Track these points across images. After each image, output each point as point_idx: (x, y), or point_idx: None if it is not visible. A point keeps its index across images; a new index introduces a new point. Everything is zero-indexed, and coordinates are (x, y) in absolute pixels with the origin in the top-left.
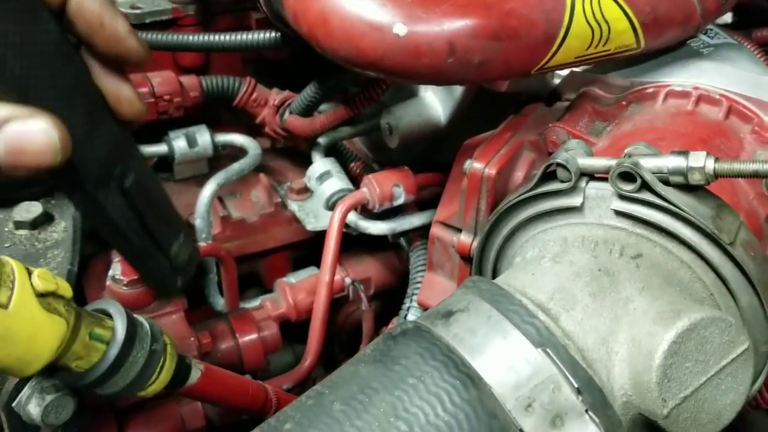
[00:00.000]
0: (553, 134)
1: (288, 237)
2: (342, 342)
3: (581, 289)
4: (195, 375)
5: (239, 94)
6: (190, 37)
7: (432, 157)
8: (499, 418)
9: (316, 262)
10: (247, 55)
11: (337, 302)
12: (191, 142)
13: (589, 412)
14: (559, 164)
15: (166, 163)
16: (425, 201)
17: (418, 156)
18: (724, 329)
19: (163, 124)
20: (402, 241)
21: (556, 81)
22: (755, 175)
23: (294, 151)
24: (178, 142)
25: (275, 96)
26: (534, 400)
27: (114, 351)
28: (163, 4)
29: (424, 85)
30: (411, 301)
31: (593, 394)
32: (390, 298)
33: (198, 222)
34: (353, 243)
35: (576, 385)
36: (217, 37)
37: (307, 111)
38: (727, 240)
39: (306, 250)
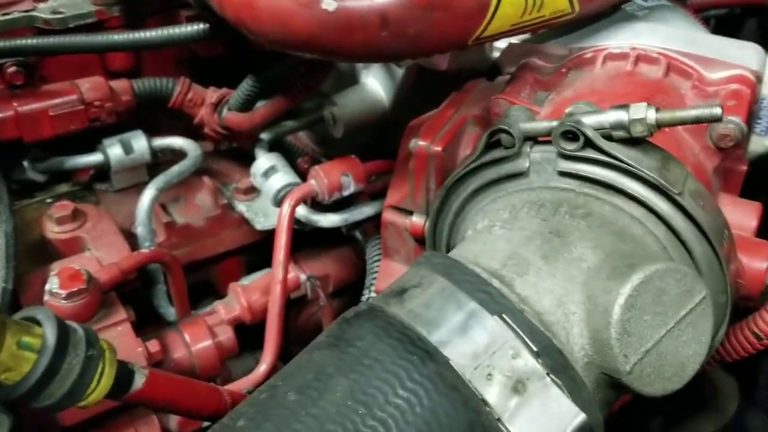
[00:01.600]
0: (496, 106)
1: (239, 240)
2: (304, 345)
3: (533, 253)
4: (139, 380)
5: (174, 94)
6: (115, 37)
7: (380, 145)
8: (459, 389)
9: (271, 264)
10: (179, 54)
11: (296, 303)
12: (127, 148)
13: (551, 375)
14: (502, 130)
15: (103, 172)
16: (377, 192)
17: (365, 145)
18: (679, 279)
19: (97, 132)
20: (357, 234)
21: (496, 54)
22: (697, 121)
23: (238, 152)
24: (113, 150)
25: (212, 94)
26: (494, 368)
27: (45, 359)
28: (86, 6)
29: (360, 62)
30: (369, 291)
31: (553, 357)
32: (351, 294)
33: (139, 230)
34: (307, 240)
35: (535, 349)
36: (143, 34)
37: (246, 106)
38: (675, 190)
39: (260, 253)
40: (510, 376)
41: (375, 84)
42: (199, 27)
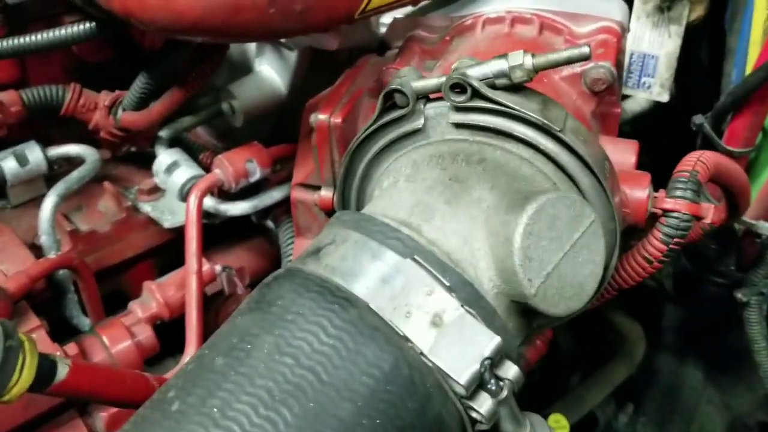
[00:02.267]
0: (388, 76)
1: (147, 242)
2: None
3: (436, 199)
4: (63, 371)
5: (65, 101)
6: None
7: (281, 133)
8: (381, 330)
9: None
10: (66, 62)
11: (213, 300)
12: (21, 160)
13: (465, 307)
14: (395, 90)
15: None
16: (283, 180)
17: (267, 135)
18: (569, 205)
19: None
20: (269, 222)
21: (383, 31)
22: (569, 61)
23: (137, 156)
24: (7, 163)
25: (105, 97)
26: (411, 306)
27: None
28: None
29: (250, 41)
30: None
31: (465, 290)
32: None
33: (44, 239)
34: (218, 235)
35: (448, 284)
36: (27, 39)
37: (141, 104)
38: (556, 128)
39: (170, 254)
40: (427, 311)
41: (270, 71)
42: (86, 26)
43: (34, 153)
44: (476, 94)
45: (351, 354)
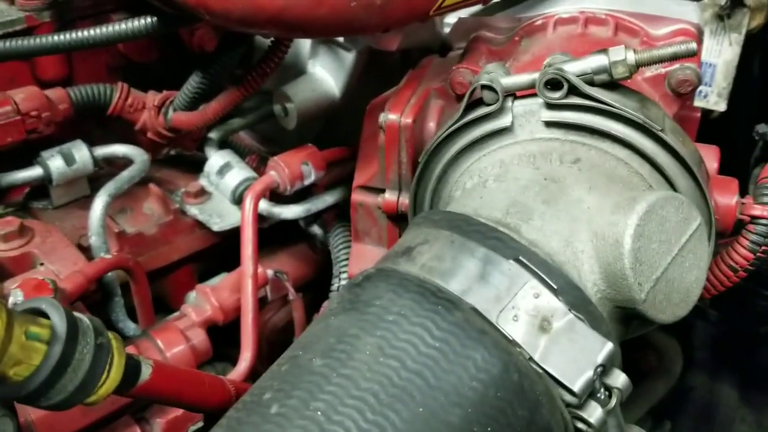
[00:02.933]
0: (458, 76)
1: (194, 245)
2: (262, 354)
3: (533, 199)
4: (146, 371)
5: (113, 100)
6: (55, 37)
7: (327, 136)
8: (488, 333)
9: (224, 270)
10: (112, 61)
11: None
12: (68, 159)
13: (573, 311)
14: (484, 86)
15: (40, 189)
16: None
17: (315, 138)
18: (678, 207)
19: (32, 146)
20: (315, 228)
21: (446, 31)
22: (674, 57)
23: (179, 159)
24: (54, 162)
25: (153, 97)
26: (519, 309)
27: (58, 347)
28: (14, 13)
29: (328, 36)
30: (339, 279)
31: (573, 294)
32: (311, 292)
33: (93, 240)
34: (262, 239)
35: (555, 287)
36: (84, 33)
37: (194, 104)
38: (658, 127)
39: (211, 259)
40: (535, 315)
41: (324, 73)
42: (147, 21)
43: (81, 152)
44: (573, 90)
45: (459, 358)
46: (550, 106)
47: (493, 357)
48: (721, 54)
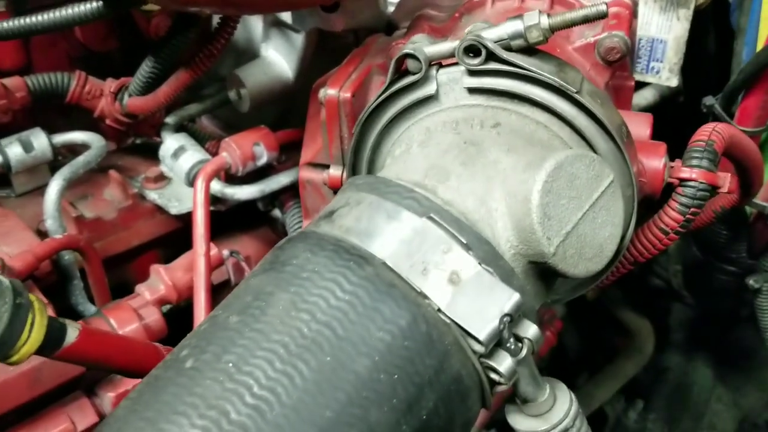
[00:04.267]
0: (397, 51)
1: (154, 230)
2: None
3: (451, 162)
4: (72, 334)
5: (70, 88)
6: (4, 24)
7: (286, 121)
8: (397, 286)
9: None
10: (72, 51)
11: (220, 290)
12: (26, 146)
13: (482, 265)
14: (408, 55)
15: (2, 177)
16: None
17: (273, 121)
18: (588, 164)
19: None
20: (276, 212)
21: (391, 10)
22: (585, 20)
23: (143, 147)
24: (13, 149)
25: (110, 84)
26: (429, 263)
27: None
28: None
29: (267, 11)
30: None
31: (483, 248)
32: None
33: (49, 223)
34: (223, 224)
35: (465, 242)
36: (32, 19)
37: (148, 89)
38: (574, 89)
39: (176, 245)
40: (444, 269)
41: (276, 55)
42: (91, 5)
43: (40, 139)
44: (491, 56)
45: (367, 310)
46: (472, 73)
47: (401, 309)
48: (671, 30)
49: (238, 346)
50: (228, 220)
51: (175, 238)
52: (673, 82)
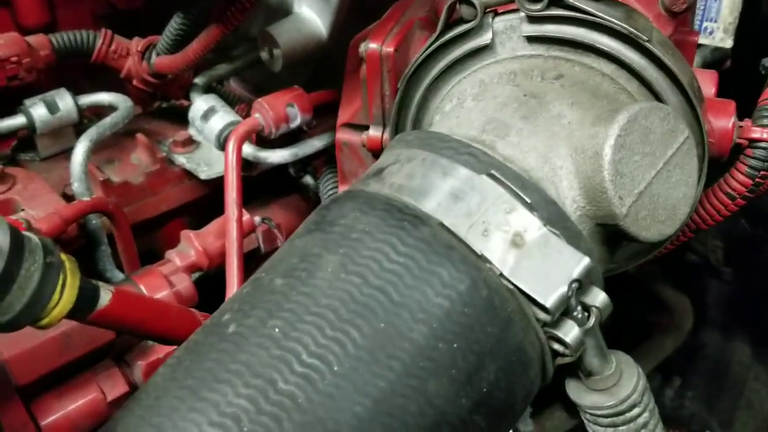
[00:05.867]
0: (443, 3)
1: (183, 196)
2: None
3: (511, 116)
4: (105, 297)
5: (96, 47)
6: None
7: (320, 83)
8: (456, 248)
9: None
10: (96, 8)
11: (249, 259)
12: (51, 107)
13: (548, 227)
14: (462, 1)
15: (27, 140)
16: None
17: (304, 83)
18: (663, 117)
19: (15, 93)
20: (307, 178)
21: None
22: None
23: (171, 112)
24: (37, 110)
25: (137, 43)
26: (489, 224)
27: (0, 262)
28: None
29: None
30: None
31: (548, 209)
32: None
33: (76, 186)
34: (253, 191)
35: (529, 201)
36: None
37: (176, 47)
38: (645, 38)
39: (205, 212)
40: (507, 230)
41: (310, 13)
42: None
43: (65, 100)
44: (554, 1)
45: (424, 273)
46: (532, 20)
47: (460, 272)
48: None
49: (285, 311)
50: (257, 186)
51: (204, 205)
52: (728, 43)
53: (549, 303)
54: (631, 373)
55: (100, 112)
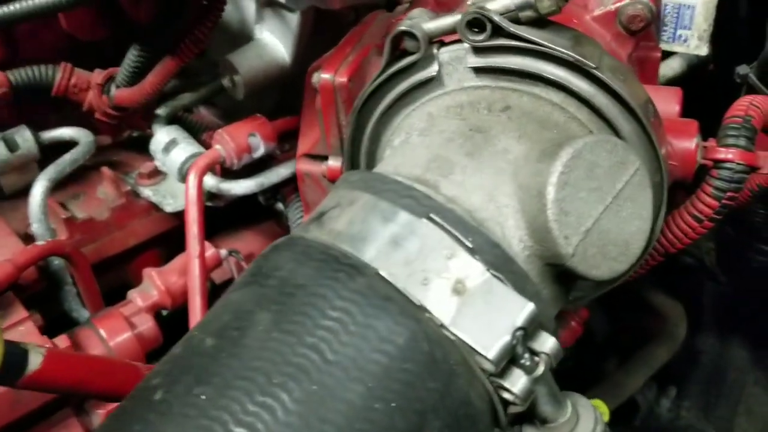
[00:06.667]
0: (395, 29)
1: (150, 229)
2: None
3: (456, 152)
4: (35, 360)
5: (56, 81)
6: None
7: (288, 108)
8: (394, 299)
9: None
10: (57, 42)
11: (223, 290)
12: (11, 145)
13: (491, 271)
14: (404, 33)
15: None
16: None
17: (273, 107)
18: (610, 150)
19: None
20: (279, 205)
21: None
22: None
23: (141, 141)
24: None
25: (97, 75)
26: (429, 272)
27: None
28: None
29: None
30: None
31: (492, 252)
32: None
33: (35, 227)
34: (224, 219)
35: (471, 246)
36: (11, 7)
37: (135, 79)
38: (593, 64)
39: (178, 244)
40: (448, 277)
41: (271, 38)
42: None
43: (25, 136)
44: (497, 31)
45: (360, 328)
46: (477, 51)
47: (398, 325)
48: None
49: (213, 375)
50: (229, 215)
51: (176, 237)
52: (703, 50)
53: (492, 354)
54: (587, 417)
55: (65, 146)
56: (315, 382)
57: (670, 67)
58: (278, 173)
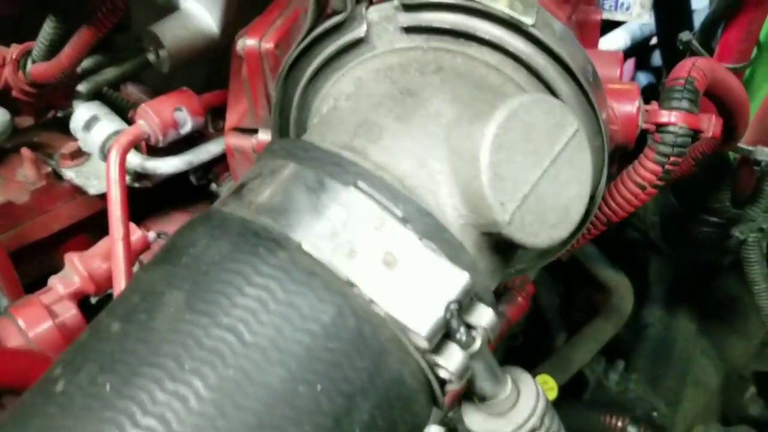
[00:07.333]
0: None
1: (75, 213)
2: None
3: (385, 117)
4: None
5: None
6: None
7: (223, 80)
8: (318, 274)
9: None
10: None
11: None
12: None
13: (423, 240)
14: None
15: None
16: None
17: (204, 82)
18: (548, 111)
19: None
20: (213, 185)
21: None
22: None
23: (64, 122)
24: None
25: (13, 50)
26: (356, 244)
27: None
28: None
29: None
30: None
31: (423, 221)
32: None
33: None
34: (156, 201)
35: (401, 215)
36: None
37: (51, 54)
38: (528, 22)
39: (107, 227)
40: (376, 249)
41: (196, 6)
42: None
43: None
44: None
45: (281, 306)
46: (407, 8)
47: (322, 302)
48: None
49: (118, 363)
50: (160, 196)
51: (104, 220)
52: (645, 18)
53: (424, 329)
54: (529, 393)
55: None
56: (231, 367)
57: (611, 42)
58: (208, 150)
